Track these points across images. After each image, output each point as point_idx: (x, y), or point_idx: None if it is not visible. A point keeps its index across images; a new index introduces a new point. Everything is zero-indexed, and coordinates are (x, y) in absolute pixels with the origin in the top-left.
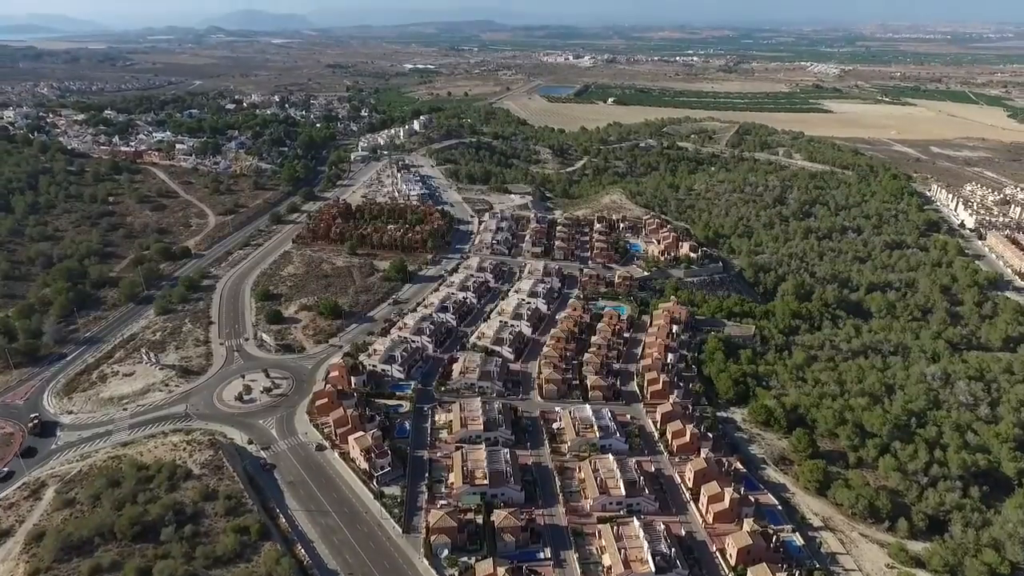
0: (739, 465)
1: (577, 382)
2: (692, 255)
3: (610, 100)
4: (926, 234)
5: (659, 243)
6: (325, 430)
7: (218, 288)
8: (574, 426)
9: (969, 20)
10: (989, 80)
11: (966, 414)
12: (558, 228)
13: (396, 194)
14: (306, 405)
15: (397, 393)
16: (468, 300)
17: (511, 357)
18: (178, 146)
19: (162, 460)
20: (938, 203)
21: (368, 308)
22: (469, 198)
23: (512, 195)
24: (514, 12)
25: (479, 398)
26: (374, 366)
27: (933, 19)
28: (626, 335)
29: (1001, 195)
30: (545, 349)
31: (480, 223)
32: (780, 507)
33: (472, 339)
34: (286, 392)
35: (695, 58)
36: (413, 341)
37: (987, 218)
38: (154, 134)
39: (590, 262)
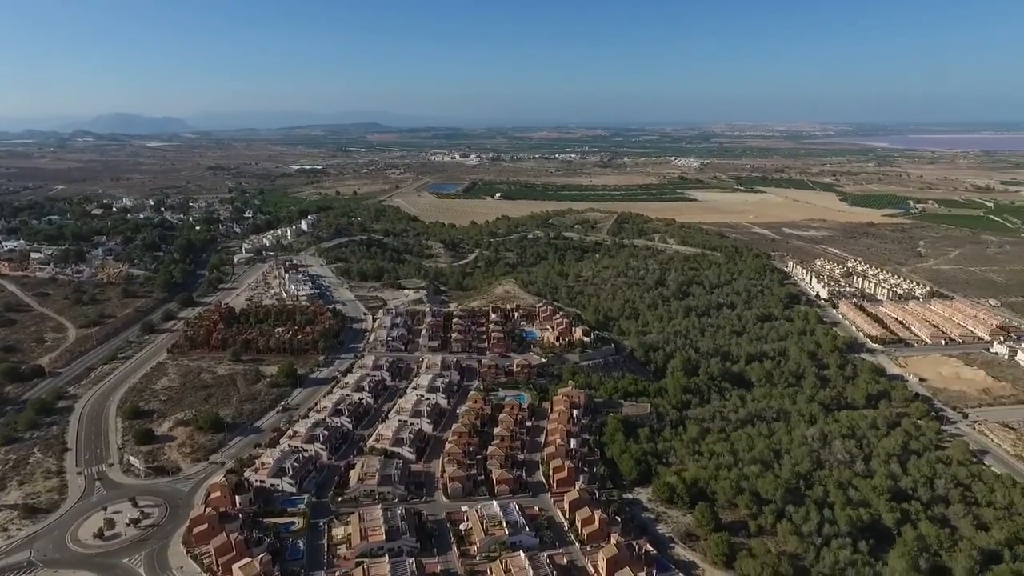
0: (649, 547)
1: (483, 477)
2: (585, 339)
3: (497, 195)
4: (789, 306)
5: (553, 329)
6: (205, 560)
7: (77, 409)
8: (482, 525)
9: (799, 121)
10: (821, 170)
11: (846, 471)
12: (454, 320)
13: (284, 295)
14: (182, 534)
15: (289, 509)
16: (364, 401)
17: (412, 457)
18: (33, 255)
19: None
20: (795, 277)
21: (254, 418)
22: (362, 295)
23: (406, 290)
24: (400, 115)
25: (380, 505)
26: (262, 481)
27: (771, 119)
28: (528, 424)
29: (844, 268)
30: (448, 446)
31: (374, 320)
32: None
33: (370, 442)
34: (158, 522)
35: (573, 155)
36: (305, 450)
37: (837, 288)
38: (3, 243)
39: (488, 352)
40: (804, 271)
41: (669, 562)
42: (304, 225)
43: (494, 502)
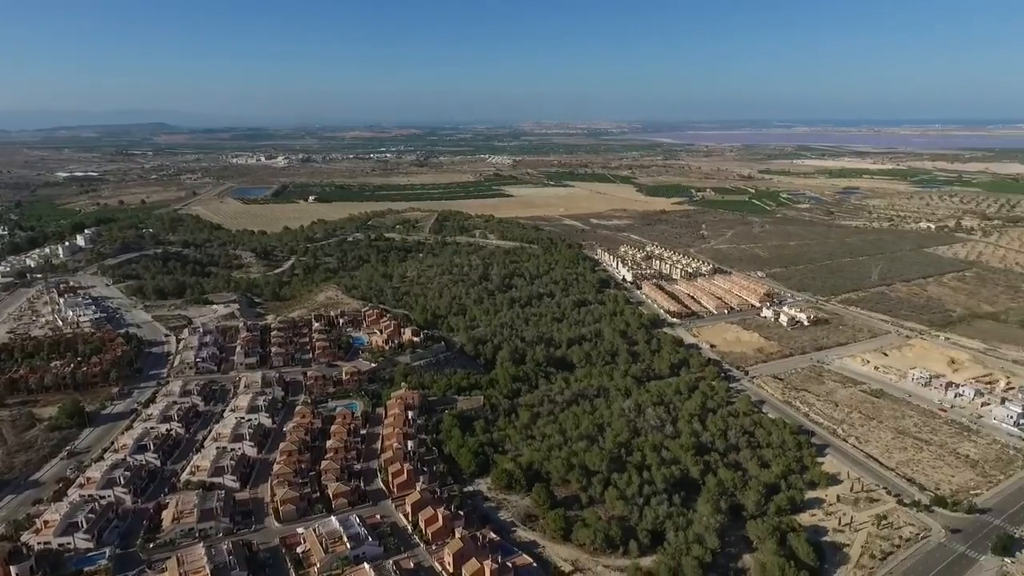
0: (493, 535)
1: (318, 494)
2: (415, 339)
3: (311, 198)
4: (601, 290)
5: (382, 332)
6: None
7: None
8: (321, 544)
9: (598, 119)
10: (619, 164)
11: (658, 435)
12: (273, 333)
13: (60, 323)
14: None
15: (86, 569)
16: (173, 431)
17: (236, 485)
18: None
19: None
20: (604, 264)
21: (30, 470)
22: (161, 315)
23: (215, 305)
24: (190, 114)
25: (201, 544)
26: (46, 543)
27: (574, 118)
28: (363, 432)
29: (644, 252)
30: (276, 467)
31: (179, 341)
32: (535, 564)
33: (184, 476)
34: None
35: (389, 154)
36: (102, 497)
37: (639, 271)
38: None
39: (313, 363)
40: (611, 257)
41: (512, 545)
42: (81, 241)
43: (332, 518)
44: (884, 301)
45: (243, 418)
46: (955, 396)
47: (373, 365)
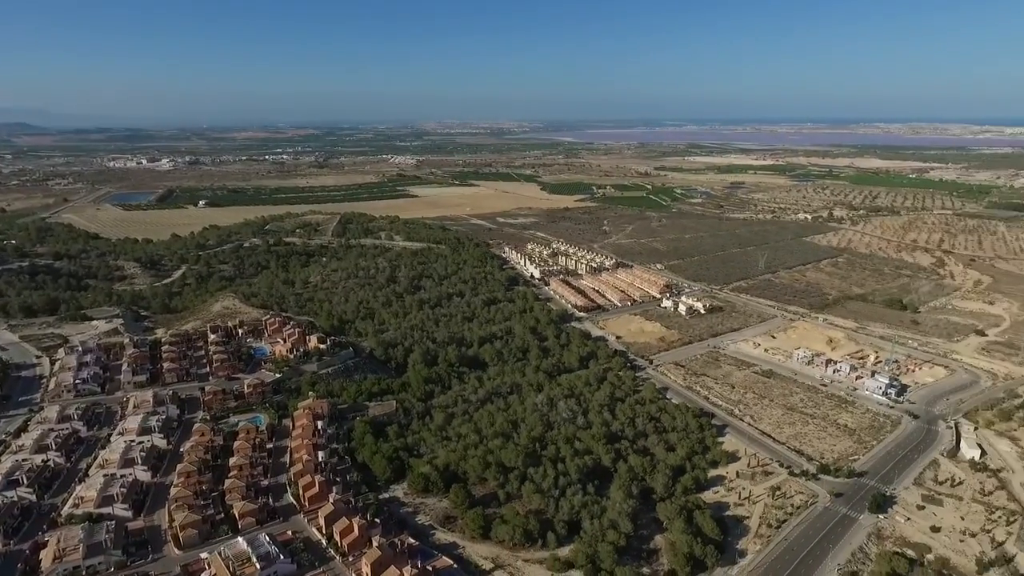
0: (411, 540)
1: (222, 515)
2: (321, 346)
3: (201, 203)
4: (510, 288)
5: (286, 341)
6: None
7: None
8: (228, 568)
9: (501, 119)
10: (523, 163)
11: (571, 427)
12: (164, 348)
13: None
14: None
15: None
16: (51, 462)
17: (129, 514)
18: None
19: None
20: (512, 262)
21: None
22: (30, 335)
23: (95, 321)
24: (57, 114)
25: None
26: None
27: (477, 118)
28: (269, 446)
29: (551, 249)
30: (174, 491)
31: (53, 362)
32: (455, 565)
33: (66, 509)
34: None
35: (285, 156)
36: None
37: (547, 268)
38: None
39: (211, 377)
40: (519, 255)
41: (432, 548)
42: None
43: (240, 539)
44: (770, 287)
45: (133, 441)
46: (834, 372)
47: (277, 375)
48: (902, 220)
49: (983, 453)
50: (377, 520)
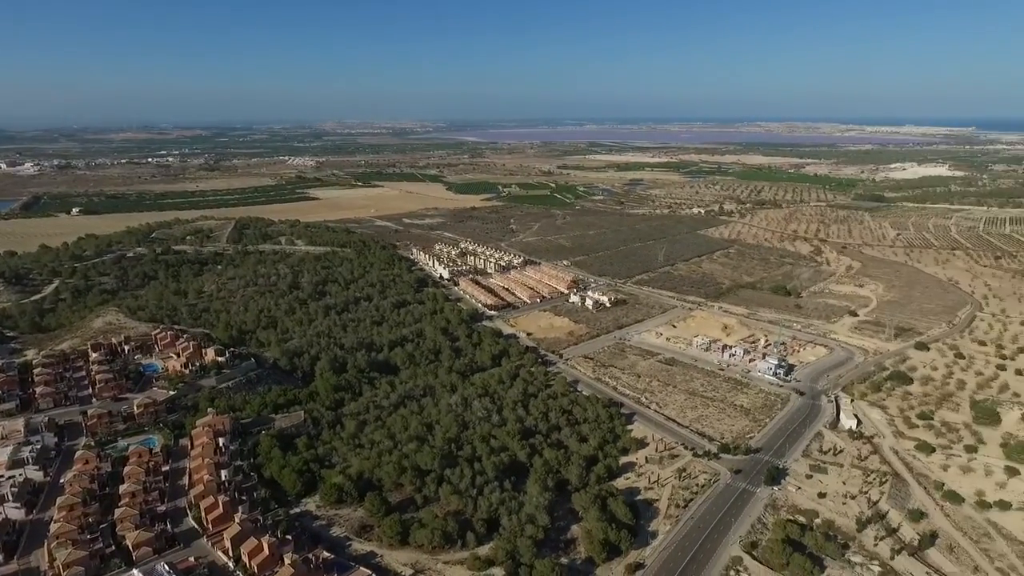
0: (326, 553)
1: (113, 547)
2: (220, 359)
3: (75, 210)
4: (419, 289)
5: (179, 356)
6: None
7: None
8: None
9: (402, 118)
10: (427, 163)
11: (486, 426)
12: (37, 371)
13: None
14: None
15: None
16: None
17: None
18: None
19: None
20: (420, 263)
21: None
22: None
23: None
24: None
25: None
26: None
27: (378, 117)
28: (165, 469)
29: (459, 249)
30: (54, 527)
31: None
32: (374, 574)
33: None
34: None
35: (171, 158)
36: None
37: (455, 268)
38: None
39: (95, 399)
40: (427, 256)
41: (349, 560)
42: None
43: (135, 570)
44: (670, 279)
45: (2, 476)
46: (730, 356)
47: (171, 393)
48: (783, 212)
49: (859, 423)
50: (289, 537)
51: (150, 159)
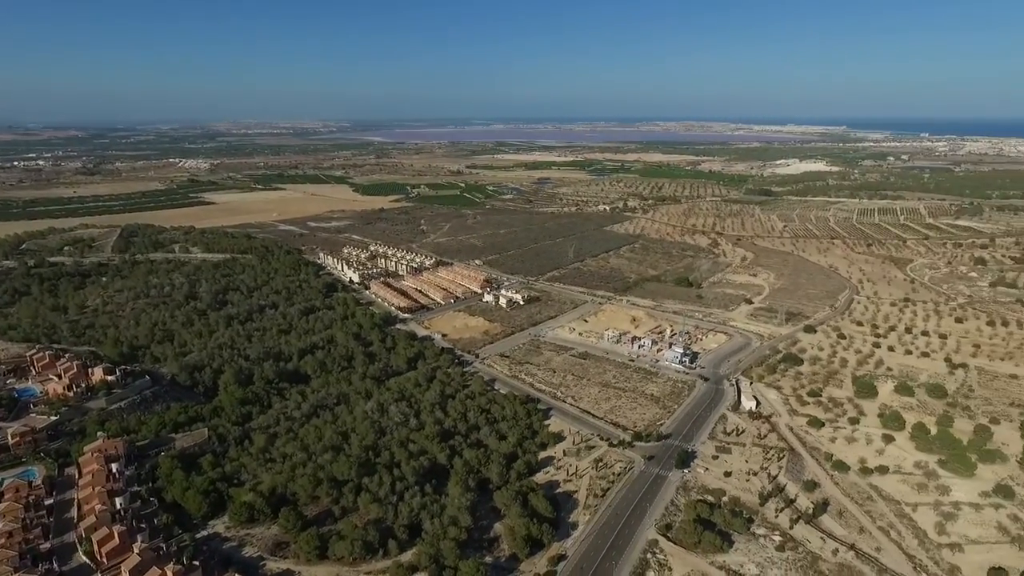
0: (238, 575)
1: None
2: (110, 379)
3: None
4: (328, 295)
5: (62, 377)
6: None
7: None
8: None
9: (303, 118)
10: (332, 164)
11: (404, 430)
12: None
13: None
14: None
15: None
16: None
17: None
18: None
19: None
20: (329, 267)
21: None
22: None
23: None
24: None
25: None
26: None
27: (277, 117)
28: (49, 502)
29: (368, 251)
30: None
31: None
32: None
33: None
34: None
35: (41, 161)
36: None
37: (366, 271)
38: None
39: None
40: (335, 260)
41: None
42: None
43: None
44: (580, 275)
45: None
46: (639, 348)
47: (53, 418)
48: (683, 207)
49: (758, 403)
50: (196, 563)
51: (16, 163)
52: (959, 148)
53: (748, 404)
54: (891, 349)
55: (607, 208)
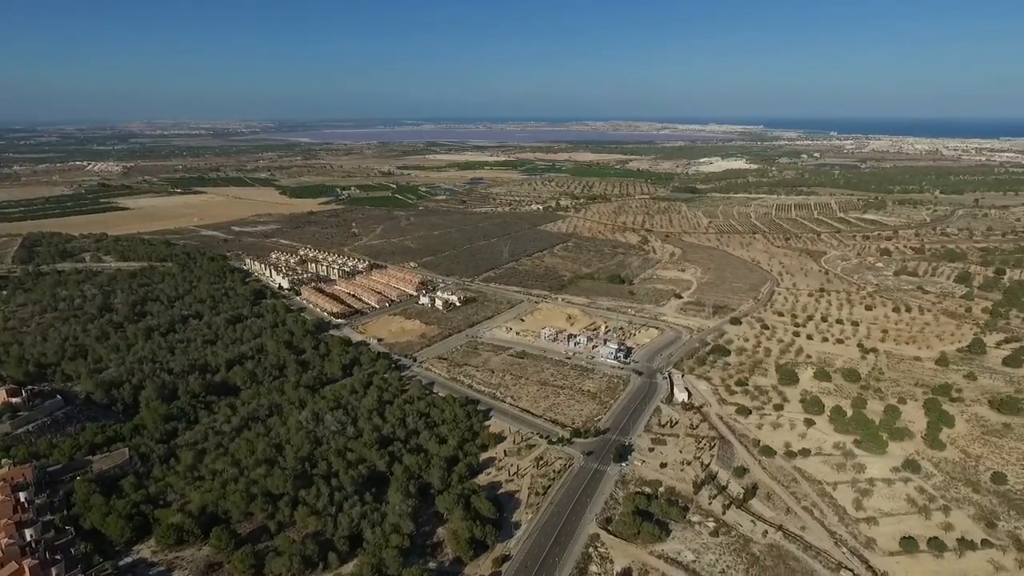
0: None
1: None
2: (14, 400)
3: None
4: (257, 302)
5: None
6: None
7: None
8: None
9: (224, 119)
10: (256, 166)
11: (341, 439)
12: None
13: None
14: None
15: None
16: None
17: None
18: None
19: None
20: (256, 273)
21: None
22: None
23: None
24: None
25: None
26: None
27: (195, 118)
28: None
29: (298, 256)
30: None
31: None
32: None
33: None
34: None
35: None
36: None
37: (296, 276)
38: None
39: None
40: (263, 266)
41: None
42: None
43: None
44: (515, 275)
45: None
46: (575, 345)
47: None
48: (613, 206)
49: (690, 395)
50: None
51: None
52: (864, 146)
53: (680, 396)
54: (809, 337)
55: (540, 207)
